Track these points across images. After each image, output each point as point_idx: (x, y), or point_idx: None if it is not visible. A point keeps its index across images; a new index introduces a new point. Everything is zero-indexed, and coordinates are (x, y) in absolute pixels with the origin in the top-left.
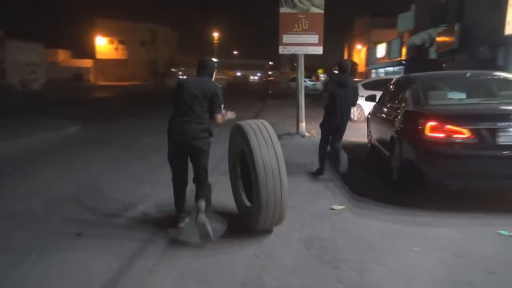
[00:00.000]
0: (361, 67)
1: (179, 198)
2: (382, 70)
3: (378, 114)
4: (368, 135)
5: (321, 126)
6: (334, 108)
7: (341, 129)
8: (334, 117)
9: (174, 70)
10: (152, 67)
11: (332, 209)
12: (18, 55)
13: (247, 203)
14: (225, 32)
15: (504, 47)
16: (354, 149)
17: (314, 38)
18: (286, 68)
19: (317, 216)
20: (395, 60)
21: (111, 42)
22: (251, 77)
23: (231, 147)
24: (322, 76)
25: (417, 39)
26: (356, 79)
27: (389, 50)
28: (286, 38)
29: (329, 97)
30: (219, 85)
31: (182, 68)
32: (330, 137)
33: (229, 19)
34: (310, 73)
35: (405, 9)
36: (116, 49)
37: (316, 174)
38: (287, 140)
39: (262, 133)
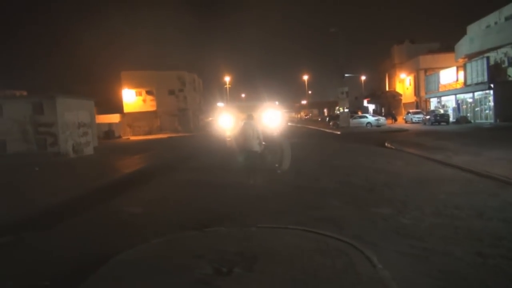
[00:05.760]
0: (409, 97)
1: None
2: (448, 97)
3: None
4: None
5: None
6: None
7: None
8: None
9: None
10: (181, 116)
11: None
12: (69, 115)
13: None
14: (233, 75)
15: None
16: None
17: None
18: (344, 104)
19: None
20: (476, 84)
21: (139, 94)
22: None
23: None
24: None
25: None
26: (415, 111)
27: (464, 74)
28: None
29: None
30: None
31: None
32: None
33: (235, 63)
34: (330, 110)
35: (458, 33)
36: (144, 100)
37: None
38: None
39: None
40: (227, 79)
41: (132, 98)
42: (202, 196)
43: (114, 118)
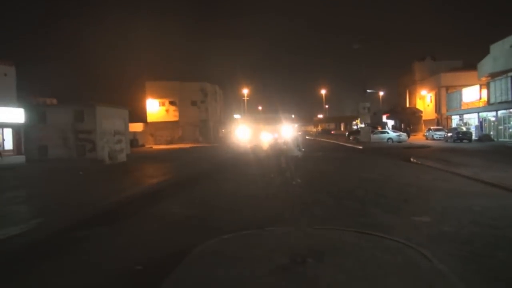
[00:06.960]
0: (429, 114)
1: None
2: (470, 115)
3: None
4: None
5: None
6: None
7: None
8: None
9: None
10: (203, 127)
11: None
12: (106, 123)
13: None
14: (251, 87)
15: None
16: None
17: None
18: (365, 119)
19: None
20: (500, 103)
21: (162, 104)
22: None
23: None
24: (357, 126)
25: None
26: (436, 128)
27: (488, 92)
28: None
29: None
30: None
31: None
32: None
33: (253, 75)
34: (347, 124)
35: (480, 52)
36: (167, 110)
37: None
38: None
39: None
40: (245, 91)
41: (155, 108)
42: (247, 202)
43: (138, 127)
